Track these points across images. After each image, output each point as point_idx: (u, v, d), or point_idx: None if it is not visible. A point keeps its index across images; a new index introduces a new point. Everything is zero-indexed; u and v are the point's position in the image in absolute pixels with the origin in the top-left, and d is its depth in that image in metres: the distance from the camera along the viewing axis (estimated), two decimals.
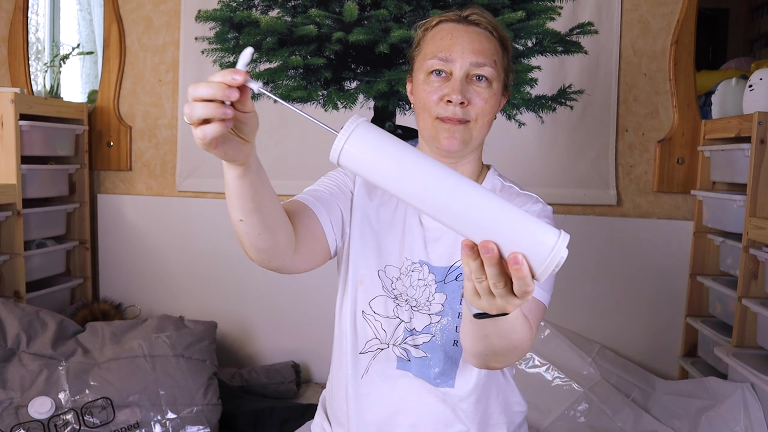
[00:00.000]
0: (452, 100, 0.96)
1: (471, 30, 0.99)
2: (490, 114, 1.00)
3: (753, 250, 1.64)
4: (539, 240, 0.56)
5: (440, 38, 0.99)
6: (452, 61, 0.97)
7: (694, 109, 2.08)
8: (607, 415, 1.78)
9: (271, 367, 2.12)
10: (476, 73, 0.97)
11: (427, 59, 0.99)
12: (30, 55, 2.35)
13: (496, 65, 0.99)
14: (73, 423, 1.53)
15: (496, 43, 1.01)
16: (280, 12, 2.17)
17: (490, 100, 0.99)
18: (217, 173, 2.24)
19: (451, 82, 0.97)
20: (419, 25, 1.06)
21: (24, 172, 1.94)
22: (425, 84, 0.99)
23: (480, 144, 1.05)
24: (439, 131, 0.99)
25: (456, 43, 0.97)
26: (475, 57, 0.97)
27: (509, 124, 2.13)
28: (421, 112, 1.01)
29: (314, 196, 0.99)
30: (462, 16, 1.01)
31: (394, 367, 1.00)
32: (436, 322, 0.99)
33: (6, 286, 1.89)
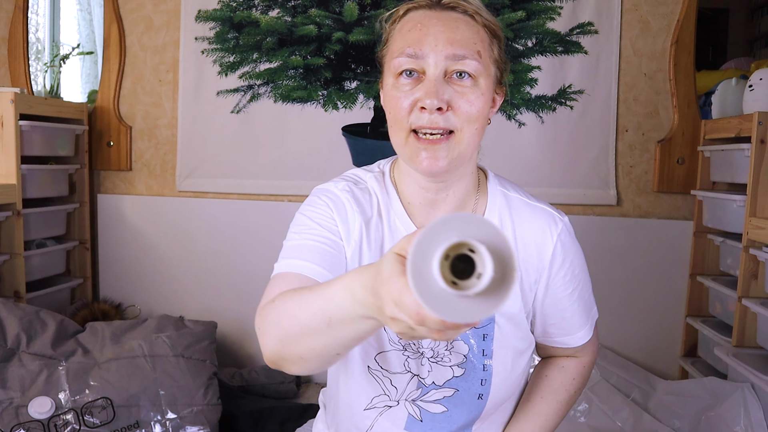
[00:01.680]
0: (426, 106, 0.77)
1: (445, 16, 0.80)
2: (479, 119, 0.80)
3: (753, 250, 1.64)
4: None
5: (408, 30, 0.80)
6: (423, 56, 0.78)
7: (694, 109, 2.08)
8: (607, 415, 1.78)
9: (271, 367, 2.12)
10: (456, 69, 0.78)
11: (394, 58, 0.80)
12: (30, 55, 2.35)
13: (482, 57, 0.79)
14: (73, 423, 1.53)
15: (480, 30, 0.81)
16: (280, 12, 2.17)
17: (477, 102, 0.79)
18: (217, 173, 2.25)
19: (424, 83, 0.78)
20: (384, 18, 0.87)
21: (24, 172, 1.94)
22: (394, 89, 0.80)
23: (472, 155, 0.85)
24: (415, 151, 0.79)
25: (427, 34, 0.78)
26: (452, 48, 0.77)
27: (509, 124, 2.13)
28: (393, 125, 0.82)
29: (320, 263, 0.80)
30: (434, 0, 0.82)
31: (402, 426, 0.88)
32: (459, 375, 0.87)
33: (6, 286, 1.89)
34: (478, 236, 0.42)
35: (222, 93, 2.22)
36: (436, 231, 0.43)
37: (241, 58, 2.20)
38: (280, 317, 0.67)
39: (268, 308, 0.71)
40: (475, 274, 0.42)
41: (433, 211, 0.87)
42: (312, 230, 0.84)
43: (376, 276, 0.52)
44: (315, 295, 0.63)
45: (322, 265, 0.80)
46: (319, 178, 1.05)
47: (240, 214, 2.25)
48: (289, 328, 0.65)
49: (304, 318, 0.63)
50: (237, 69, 2.21)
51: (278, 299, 0.70)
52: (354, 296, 0.56)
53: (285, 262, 0.81)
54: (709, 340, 1.92)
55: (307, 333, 0.63)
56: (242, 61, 2.20)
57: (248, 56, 2.20)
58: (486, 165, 0.97)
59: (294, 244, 0.83)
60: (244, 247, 2.24)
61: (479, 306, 0.42)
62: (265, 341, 0.70)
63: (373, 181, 0.90)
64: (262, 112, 2.21)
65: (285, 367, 0.70)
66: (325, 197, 0.87)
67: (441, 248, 0.42)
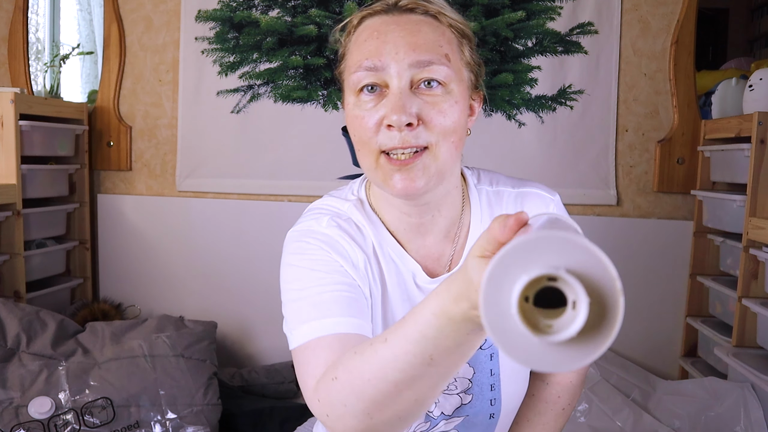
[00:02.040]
0: (393, 123, 0.68)
1: (404, 19, 0.72)
2: (456, 130, 0.72)
3: (753, 250, 1.64)
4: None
5: (364, 40, 0.72)
6: (384, 67, 0.70)
7: (694, 109, 2.08)
8: (607, 415, 1.78)
9: (271, 367, 2.12)
10: (423, 77, 0.70)
11: (352, 73, 0.72)
12: (30, 55, 2.35)
13: (451, 60, 0.71)
14: (73, 423, 1.53)
15: (445, 31, 0.73)
16: (280, 12, 2.17)
17: (452, 111, 0.71)
18: (217, 173, 2.25)
19: (388, 98, 0.70)
20: (338, 29, 0.79)
21: (24, 172, 1.94)
22: (356, 108, 0.73)
23: (453, 170, 0.76)
24: (388, 173, 0.71)
25: (385, 42, 0.70)
26: (415, 54, 0.69)
27: (509, 124, 2.13)
28: (360, 148, 0.74)
29: (353, 314, 0.70)
30: (390, 3, 0.74)
31: None
32: (468, 402, 0.82)
33: (6, 286, 1.89)
34: (564, 263, 0.34)
35: (222, 93, 2.22)
36: (503, 268, 0.36)
37: (241, 58, 2.20)
38: (358, 388, 0.58)
39: (330, 387, 0.61)
40: (568, 306, 0.34)
41: (422, 237, 0.79)
42: (321, 281, 0.72)
43: (468, 287, 0.47)
44: (397, 342, 0.54)
45: (356, 315, 0.70)
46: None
47: (240, 214, 2.25)
48: (376, 394, 0.57)
49: (395, 373, 0.55)
50: (237, 69, 2.21)
51: (340, 370, 0.60)
52: (452, 317, 0.50)
53: (309, 327, 0.69)
54: (709, 340, 1.92)
55: (404, 387, 0.55)
56: (242, 61, 2.20)
57: (248, 56, 2.20)
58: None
59: (308, 304, 0.71)
60: (244, 247, 2.24)
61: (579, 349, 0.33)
62: (342, 424, 0.60)
63: (354, 212, 0.80)
64: (262, 112, 2.21)
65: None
66: (314, 240, 0.76)
67: (515, 291, 0.34)
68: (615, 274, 0.35)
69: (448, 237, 0.80)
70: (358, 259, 0.77)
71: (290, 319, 0.73)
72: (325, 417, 0.62)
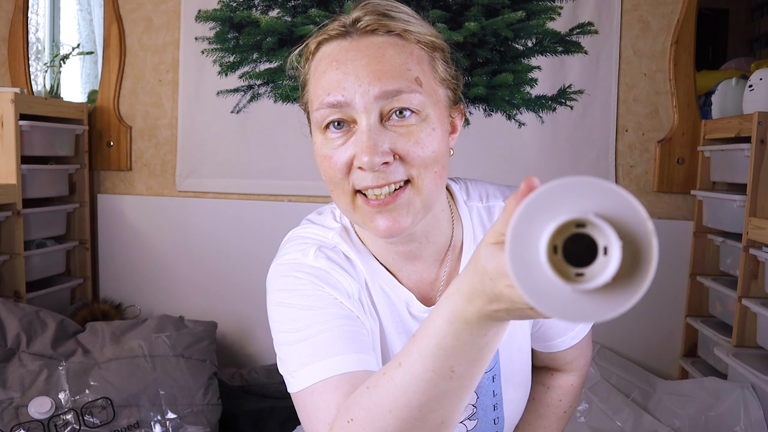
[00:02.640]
0: (364, 166, 0.63)
1: (365, 43, 0.65)
2: (438, 159, 0.65)
3: (753, 250, 1.64)
4: None
5: (323, 72, 0.66)
6: (348, 102, 0.63)
7: (694, 109, 2.08)
8: (607, 415, 1.78)
9: (271, 367, 2.12)
10: (393, 108, 0.64)
11: (314, 110, 0.67)
12: (30, 55, 2.35)
13: (423, 83, 0.65)
14: (73, 423, 1.53)
15: (414, 49, 0.66)
16: (280, 12, 2.17)
17: (431, 140, 0.64)
18: (217, 173, 2.25)
19: (357, 136, 0.64)
20: (295, 55, 0.74)
21: (24, 172, 1.94)
22: (324, 146, 0.67)
23: (439, 195, 0.70)
24: (368, 216, 0.66)
25: (347, 73, 0.63)
26: (381, 84, 0.63)
27: (509, 124, 2.13)
28: (333, 189, 0.68)
29: (358, 349, 0.66)
30: (348, 24, 0.67)
31: None
32: (473, 429, 0.80)
33: (6, 286, 1.89)
34: (591, 207, 0.32)
35: (222, 93, 2.22)
36: (528, 217, 0.33)
37: (241, 58, 2.20)
38: (379, 424, 0.54)
39: (347, 430, 0.56)
40: (599, 252, 0.32)
41: (412, 263, 0.75)
42: (318, 318, 0.67)
43: (482, 279, 0.44)
44: (414, 362, 0.51)
45: (361, 350, 0.65)
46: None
47: (240, 214, 2.25)
48: (400, 425, 0.53)
49: (417, 396, 0.51)
50: (237, 69, 2.21)
51: (356, 410, 0.56)
52: (468, 320, 0.47)
53: (312, 370, 0.64)
54: (709, 340, 1.92)
55: (428, 410, 0.52)
56: (242, 61, 2.20)
57: (248, 56, 2.20)
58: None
59: (308, 345, 0.65)
60: (244, 247, 2.24)
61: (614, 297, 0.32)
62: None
63: (340, 242, 0.75)
64: (262, 112, 2.21)
65: None
66: (303, 274, 0.70)
67: (544, 239, 0.32)
68: (645, 215, 0.33)
69: (439, 260, 0.76)
70: (353, 289, 0.72)
71: (289, 361, 0.68)
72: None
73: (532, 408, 0.92)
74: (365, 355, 0.65)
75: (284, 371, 0.69)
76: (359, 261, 0.74)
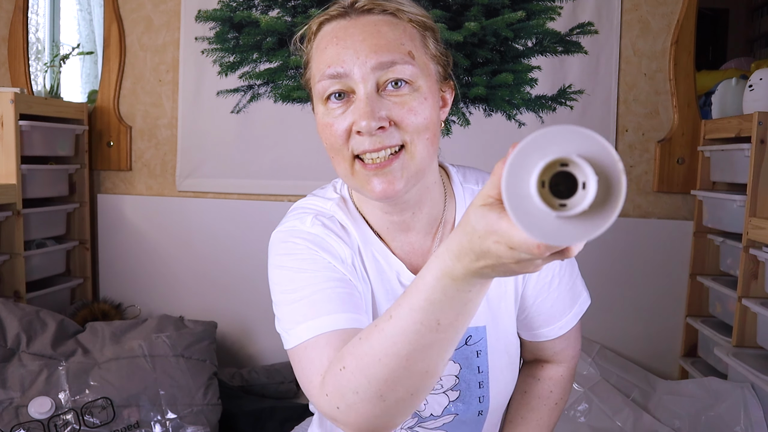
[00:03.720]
0: (362, 130, 0.68)
1: (363, 21, 0.72)
2: (430, 126, 0.71)
3: (753, 250, 1.64)
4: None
5: (324, 47, 0.72)
6: (348, 73, 0.69)
7: (694, 109, 2.08)
8: (607, 415, 1.78)
9: (271, 367, 2.12)
10: (388, 78, 0.69)
11: (317, 82, 0.72)
12: (30, 55, 2.35)
13: (415, 57, 0.71)
14: (73, 423, 1.53)
15: (406, 27, 0.72)
16: (280, 12, 2.17)
17: (423, 109, 0.70)
18: (217, 173, 2.25)
19: (356, 104, 0.70)
20: (297, 38, 0.80)
21: (24, 172, 1.94)
22: (325, 116, 0.73)
23: (431, 165, 0.75)
24: (365, 179, 0.71)
25: (346, 47, 0.70)
26: (377, 56, 0.69)
27: (509, 124, 2.13)
28: (333, 156, 0.74)
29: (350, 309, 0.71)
30: (346, 6, 0.74)
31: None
32: (455, 400, 0.82)
33: (6, 286, 1.89)
34: (573, 150, 0.38)
35: (222, 93, 2.22)
36: (522, 157, 0.40)
37: (241, 58, 2.20)
38: (369, 371, 0.59)
39: (339, 377, 0.61)
40: (579, 187, 0.38)
41: (405, 234, 0.80)
42: (313, 280, 0.72)
43: (471, 238, 0.48)
44: (404, 315, 0.56)
45: (352, 310, 0.70)
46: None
47: (240, 214, 2.25)
48: (388, 373, 0.58)
49: (405, 346, 0.56)
50: (237, 69, 2.21)
51: (348, 359, 0.61)
52: (455, 277, 0.51)
53: (306, 327, 0.69)
54: (709, 340, 1.92)
55: (414, 359, 0.57)
56: (242, 61, 2.20)
57: (248, 56, 2.20)
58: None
59: (303, 305, 0.71)
60: (244, 247, 2.24)
61: (591, 223, 0.39)
62: (355, 412, 0.61)
63: (337, 211, 0.81)
64: (262, 112, 2.21)
65: (392, 425, 0.62)
66: (300, 240, 0.76)
67: (534, 174, 0.38)
68: (617, 156, 0.39)
69: (431, 232, 0.81)
70: (346, 255, 0.77)
71: (285, 319, 0.73)
72: (335, 410, 0.62)
73: (524, 401, 0.92)
74: (357, 315, 0.70)
75: (281, 329, 0.74)
76: (354, 229, 0.79)
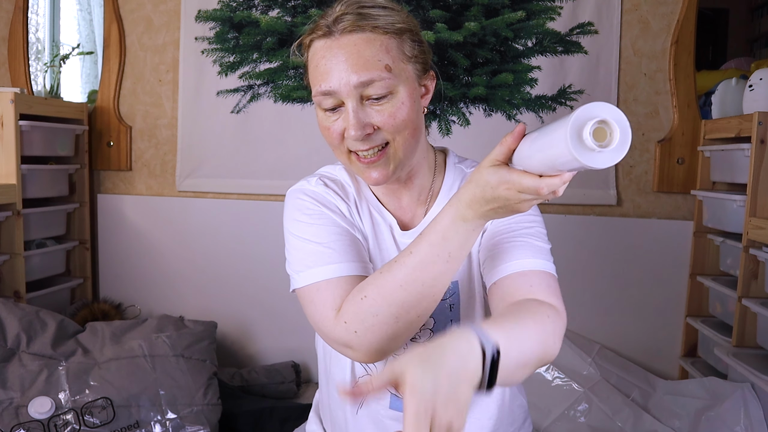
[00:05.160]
0: (351, 139, 0.83)
1: (344, 42, 0.82)
2: (408, 124, 0.84)
3: (753, 250, 1.64)
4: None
5: (315, 66, 0.85)
6: (336, 91, 0.82)
7: (694, 109, 2.08)
8: (607, 415, 1.78)
9: (271, 367, 2.12)
10: (369, 94, 0.82)
11: (314, 95, 0.86)
12: (30, 55, 2.35)
13: (392, 69, 0.82)
14: (73, 423, 1.53)
15: (383, 40, 0.82)
16: (280, 12, 2.17)
17: (400, 112, 0.83)
18: (217, 173, 2.25)
19: (345, 115, 0.83)
20: (294, 48, 0.92)
21: (24, 172, 1.94)
22: (324, 120, 0.87)
23: (415, 149, 0.89)
24: (361, 169, 0.87)
25: (332, 68, 0.82)
26: (358, 76, 0.80)
27: (509, 124, 2.13)
28: (334, 149, 0.89)
29: (355, 258, 0.85)
30: (331, 23, 0.83)
31: (387, 406, 0.93)
32: None
33: (6, 286, 1.89)
34: (609, 115, 0.59)
35: (222, 93, 2.22)
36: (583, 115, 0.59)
37: (241, 58, 2.20)
38: (390, 296, 0.74)
39: (359, 304, 0.76)
40: (607, 135, 0.59)
41: (398, 199, 0.94)
42: (320, 232, 0.87)
43: (484, 189, 0.68)
44: (423, 249, 0.73)
45: (357, 259, 0.85)
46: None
47: (240, 214, 2.25)
48: (407, 297, 0.74)
49: (424, 274, 0.73)
50: (237, 69, 2.21)
51: (369, 289, 0.76)
52: (465, 219, 0.71)
53: (316, 272, 0.83)
54: (709, 340, 1.92)
55: (429, 285, 0.74)
56: (242, 61, 2.20)
57: (248, 56, 2.20)
58: None
59: (312, 252, 0.85)
60: (244, 247, 2.24)
61: (611, 156, 0.59)
62: (371, 333, 0.76)
63: (342, 173, 0.97)
64: (262, 112, 2.21)
65: (396, 346, 0.78)
66: (305, 197, 0.92)
67: (589, 125, 0.58)
68: (627, 120, 0.60)
69: (420, 200, 0.95)
70: (343, 209, 0.92)
71: (295, 262, 0.87)
72: (352, 335, 0.77)
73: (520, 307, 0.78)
74: (362, 264, 0.85)
75: (291, 270, 0.88)
76: (353, 187, 0.95)
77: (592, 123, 0.59)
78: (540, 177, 0.64)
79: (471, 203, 0.70)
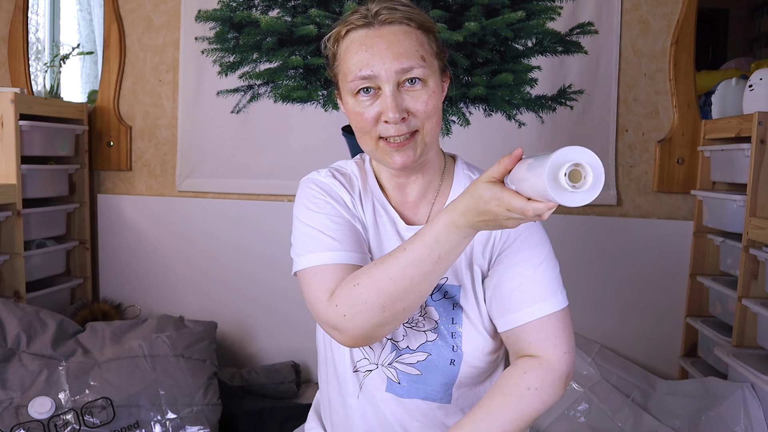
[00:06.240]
0: (390, 120, 0.87)
1: (385, 32, 0.88)
2: (435, 113, 0.90)
3: (753, 250, 1.64)
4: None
5: (354, 52, 0.89)
6: (376, 75, 0.87)
7: (694, 109, 2.08)
8: (607, 415, 1.78)
9: (271, 367, 2.12)
10: (406, 78, 0.87)
11: (348, 80, 0.89)
12: (30, 55, 2.35)
13: (426, 59, 0.88)
14: (73, 423, 1.53)
15: (418, 34, 0.89)
16: (280, 12, 2.17)
17: (432, 100, 0.89)
18: (217, 173, 2.25)
19: (382, 99, 0.88)
20: (327, 39, 0.96)
21: (24, 172, 1.94)
22: (356, 106, 0.90)
23: (437, 139, 0.95)
24: (387, 153, 0.90)
25: (374, 55, 0.87)
26: (399, 63, 0.86)
27: (509, 124, 2.13)
28: (361, 135, 0.92)
29: (354, 248, 0.89)
30: (371, 16, 0.89)
31: (384, 389, 0.95)
32: (432, 341, 0.93)
33: (6, 286, 1.89)
34: (584, 159, 0.66)
35: (222, 93, 2.22)
36: (560, 158, 0.65)
37: (241, 58, 2.20)
38: (380, 286, 0.79)
39: (351, 290, 0.81)
40: (582, 178, 0.65)
41: (405, 195, 0.98)
42: (324, 221, 0.91)
43: (477, 202, 0.73)
44: (416, 247, 0.78)
45: (356, 249, 0.89)
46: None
47: (240, 214, 2.25)
48: (395, 289, 0.79)
49: (413, 270, 0.78)
50: (237, 69, 2.21)
51: (362, 277, 0.81)
52: (458, 226, 0.75)
53: (316, 256, 0.88)
54: (709, 340, 1.92)
55: (417, 282, 0.78)
56: (242, 61, 2.20)
57: (248, 56, 2.20)
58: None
59: (315, 238, 0.90)
60: (244, 247, 2.24)
61: (583, 196, 0.65)
62: (359, 319, 0.80)
63: (353, 167, 1.02)
64: (262, 112, 2.21)
65: (380, 334, 0.83)
66: (315, 186, 0.97)
67: (564, 167, 0.65)
68: (601, 164, 0.67)
69: (425, 198, 0.98)
70: (347, 200, 0.96)
71: (299, 245, 0.91)
72: (341, 318, 0.81)
73: (495, 385, 0.87)
74: (360, 254, 0.89)
75: (294, 254, 0.92)
76: (361, 180, 0.99)
77: (567, 165, 0.64)
78: (528, 200, 0.69)
79: (464, 212, 0.74)
